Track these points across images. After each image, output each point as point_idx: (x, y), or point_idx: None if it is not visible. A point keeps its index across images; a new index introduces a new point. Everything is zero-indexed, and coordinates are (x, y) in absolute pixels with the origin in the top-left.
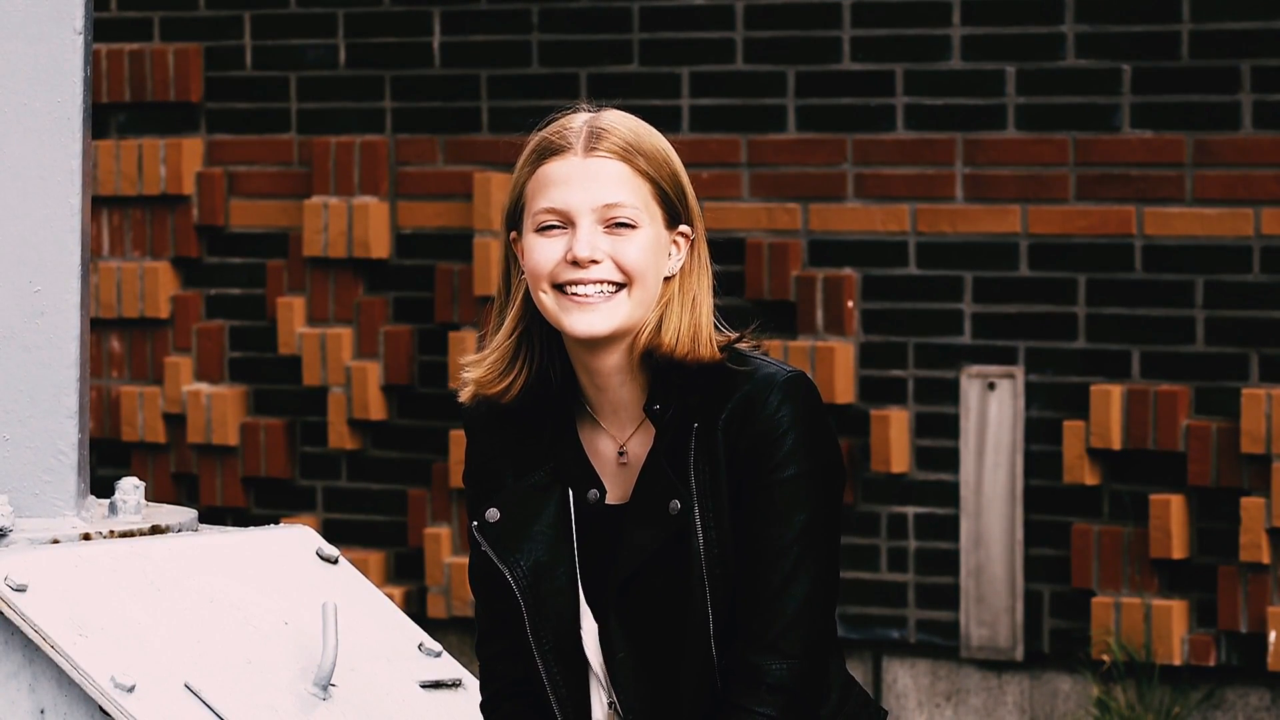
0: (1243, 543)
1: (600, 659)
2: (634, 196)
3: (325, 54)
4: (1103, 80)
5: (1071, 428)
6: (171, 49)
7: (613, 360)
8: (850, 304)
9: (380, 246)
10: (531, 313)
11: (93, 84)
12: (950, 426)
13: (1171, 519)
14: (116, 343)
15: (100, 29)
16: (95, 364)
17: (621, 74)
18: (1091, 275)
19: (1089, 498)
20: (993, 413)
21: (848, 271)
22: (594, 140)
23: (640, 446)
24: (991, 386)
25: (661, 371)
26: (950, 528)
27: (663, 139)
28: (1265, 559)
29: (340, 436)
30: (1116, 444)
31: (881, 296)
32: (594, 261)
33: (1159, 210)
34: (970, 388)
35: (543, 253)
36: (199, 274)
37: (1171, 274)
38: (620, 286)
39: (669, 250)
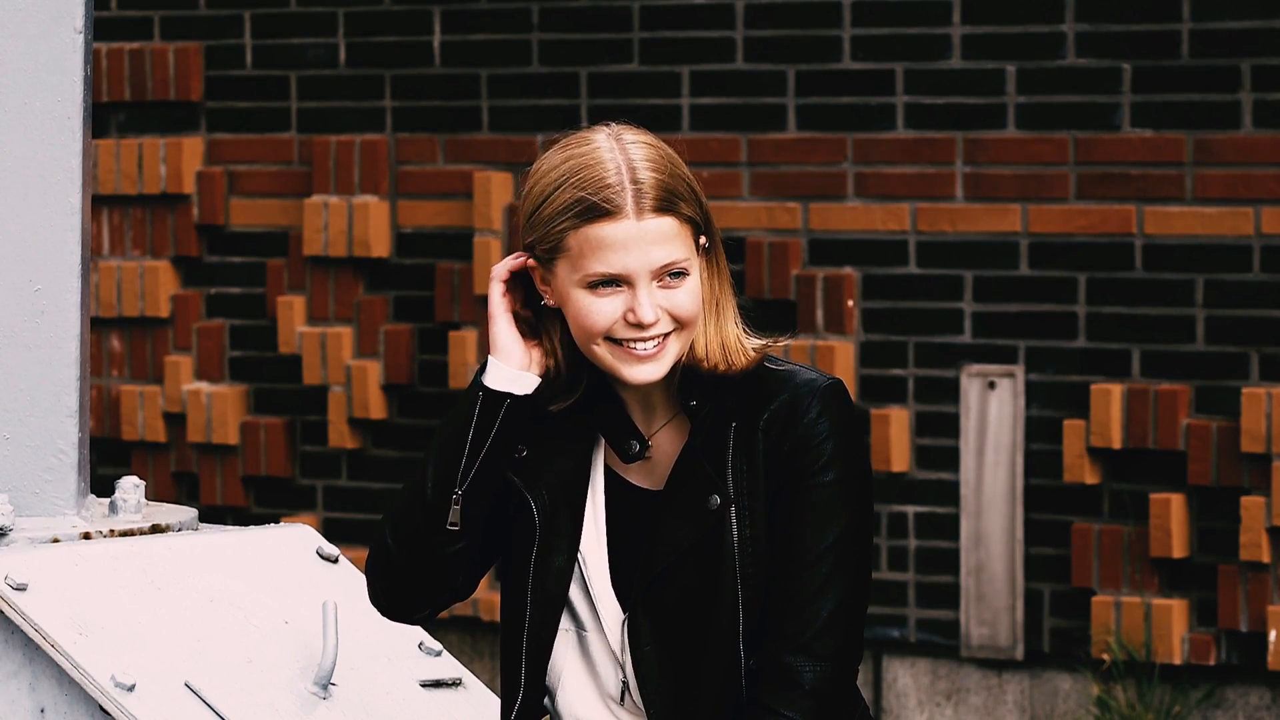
0: (1243, 542)
1: (620, 637)
2: (683, 247)
3: (325, 53)
4: (1103, 79)
5: (1072, 427)
6: (172, 48)
7: None
8: (850, 303)
9: (380, 245)
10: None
11: (93, 83)
12: (950, 425)
13: (1172, 518)
14: (117, 342)
15: (100, 28)
16: (95, 363)
17: (621, 73)
18: (1092, 274)
19: (1089, 497)
20: (993, 412)
21: (848, 270)
22: (640, 198)
23: (667, 442)
24: (992, 385)
25: (695, 371)
26: (950, 527)
27: (680, 162)
28: (1265, 558)
29: (340, 435)
30: (1117, 443)
31: (882, 295)
32: (657, 321)
33: (1159, 209)
34: (970, 387)
35: (600, 313)
36: (199, 273)
37: (1172, 273)
38: (671, 331)
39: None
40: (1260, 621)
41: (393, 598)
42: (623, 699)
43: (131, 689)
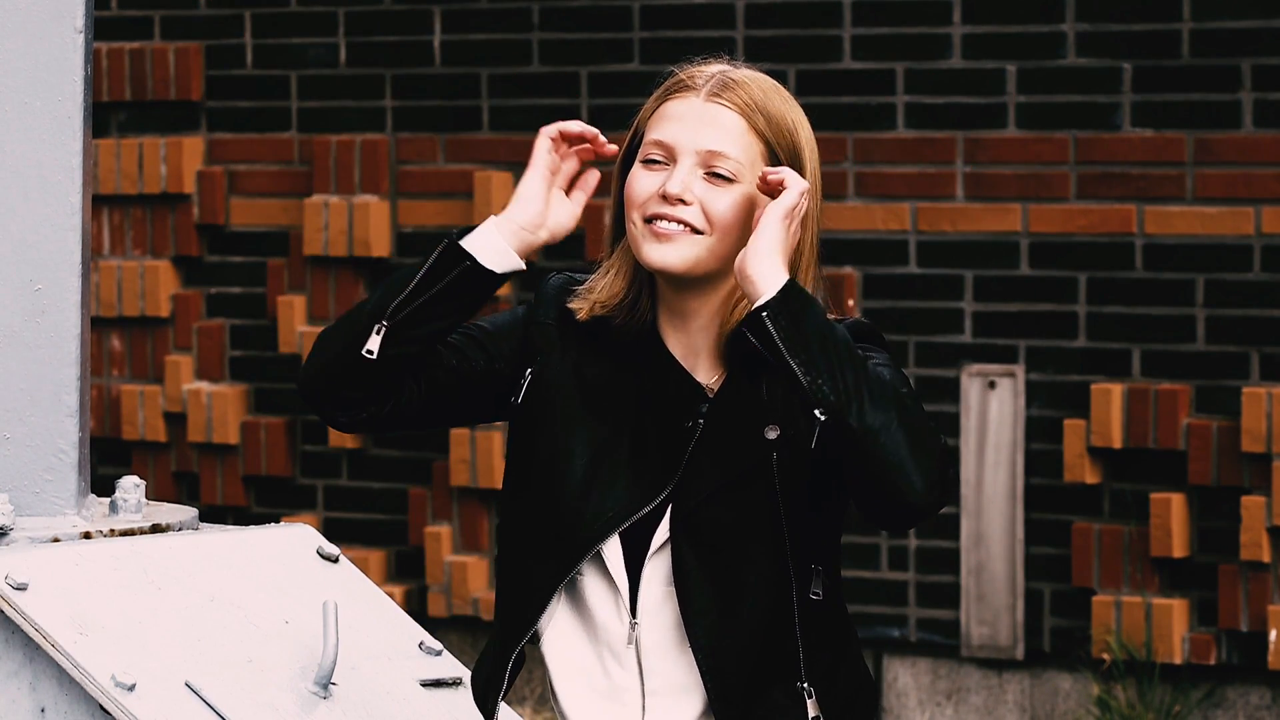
0: (1243, 541)
1: (622, 568)
2: (741, 152)
3: (326, 52)
4: (1103, 79)
5: (1072, 426)
6: (172, 48)
7: (699, 305)
8: (851, 302)
9: (381, 245)
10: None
11: (93, 83)
12: (951, 425)
13: (1172, 518)
14: (117, 341)
15: (101, 28)
16: (96, 363)
17: (622, 73)
18: (1092, 274)
19: (1089, 496)
20: (993, 411)
21: (848, 270)
22: (720, 88)
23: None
24: (992, 385)
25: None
26: (951, 526)
27: (795, 110)
28: (1266, 558)
29: (340, 435)
30: (1117, 443)
31: (882, 295)
32: (682, 201)
33: (1160, 209)
34: (971, 386)
35: (640, 183)
36: (199, 273)
37: (1172, 273)
38: (701, 232)
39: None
40: (1261, 621)
41: (312, 385)
42: (630, 640)
43: (132, 689)
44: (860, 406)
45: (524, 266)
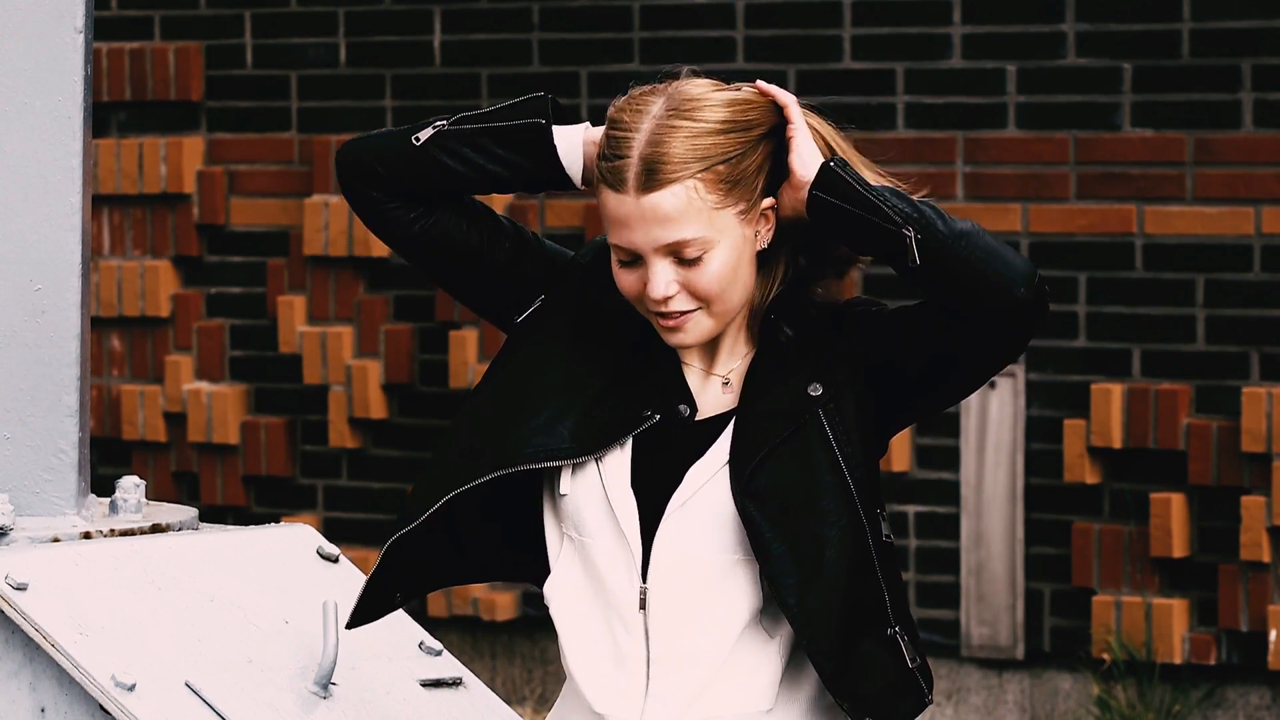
0: (1243, 541)
1: (637, 532)
2: (697, 225)
3: (326, 52)
4: (1103, 79)
5: (1072, 426)
6: (172, 47)
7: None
8: None
9: (381, 245)
10: None
11: (93, 82)
12: (951, 425)
13: (1172, 518)
14: (117, 341)
15: (101, 28)
16: (96, 363)
17: (622, 73)
18: (1092, 274)
19: (1089, 496)
20: (993, 411)
21: None
22: (646, 178)
23: (736, 375)
24: (992, 385)
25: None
26: (951, 526)
27: (728, 103)
28: (1266, 558)
29: (341, 435)
30: (1117, 443)
31: (883, 295)
32: (669, 297)
33: (1160, 209)
34: None
35: (626, 283)
36: (200, 273)
37: (1172, 272)
38: (700, 307)
39: (756, 233)
40: (1261, 621)
41: (352, 147)
42: (640, 605)
43: (132, 689)
44: (944, 220)
45: (579, 183)
